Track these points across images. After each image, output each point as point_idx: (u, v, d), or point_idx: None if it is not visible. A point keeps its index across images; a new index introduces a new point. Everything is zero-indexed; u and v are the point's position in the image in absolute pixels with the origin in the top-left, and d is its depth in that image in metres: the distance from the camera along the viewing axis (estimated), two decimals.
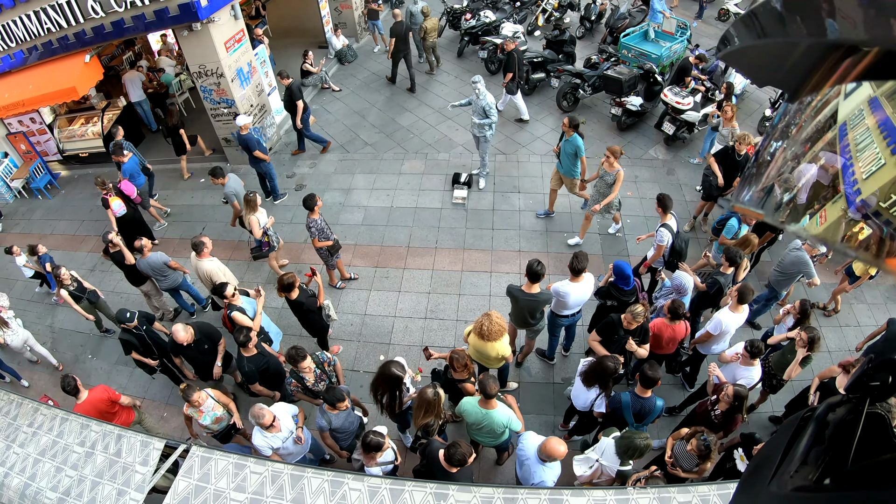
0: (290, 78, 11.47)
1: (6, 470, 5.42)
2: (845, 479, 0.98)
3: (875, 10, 0.64)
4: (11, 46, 11.53)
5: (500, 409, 5.68)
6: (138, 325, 7.31)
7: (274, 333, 8.10)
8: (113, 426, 5.54)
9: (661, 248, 7.70)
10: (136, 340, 7.33)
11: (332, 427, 5.88)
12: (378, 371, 6.07)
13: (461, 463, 4.99)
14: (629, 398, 5.86)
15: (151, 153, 13.89)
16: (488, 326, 5.98)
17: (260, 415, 5.67)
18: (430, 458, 5.37)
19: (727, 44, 1.18)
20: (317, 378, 6.45)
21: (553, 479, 5.28)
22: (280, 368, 7.15)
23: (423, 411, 5.62)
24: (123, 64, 15.76)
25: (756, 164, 1.29)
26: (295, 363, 6.19)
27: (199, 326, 7.17)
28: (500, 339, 6.12)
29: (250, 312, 7.41)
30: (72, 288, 8.50)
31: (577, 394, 6.32)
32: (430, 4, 15.17)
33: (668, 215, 7.68)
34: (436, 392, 5.59)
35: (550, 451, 5.07)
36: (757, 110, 12.70)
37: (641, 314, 6.13)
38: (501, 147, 12.12)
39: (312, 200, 8.15)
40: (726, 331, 6.65)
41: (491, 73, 14.65)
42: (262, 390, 6.97)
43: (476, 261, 9.73)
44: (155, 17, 10.10)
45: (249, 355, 6.63)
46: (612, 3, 16.56)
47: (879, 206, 0.80)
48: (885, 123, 0.81)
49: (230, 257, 10.16)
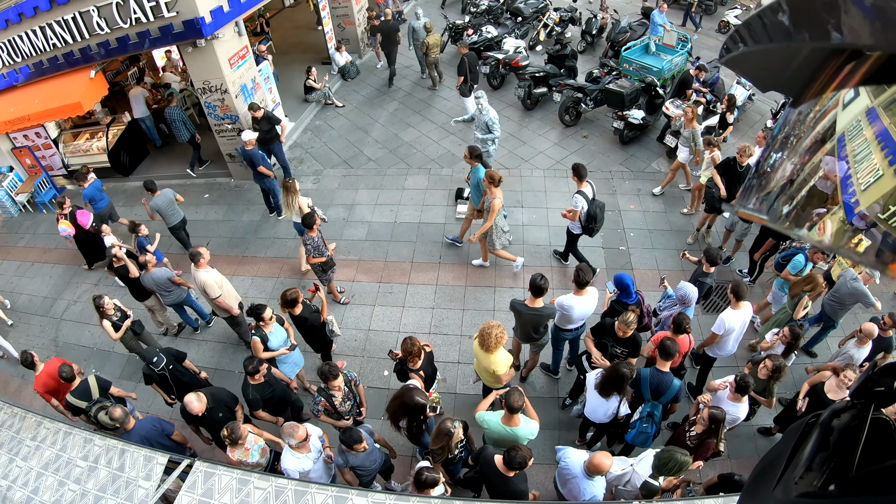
0: (261, 109, 11.27)
1: (9, 483, 5.42)
2: (850, 485, 0.98)
3: (879, 16, 0.66)
4: (17, 62, 11.65)
5: (523, 425, 5.63)
6: (164, 368, 7.07)
7: (292, 364, 7.67)
8: (116, 440, 5.53)
9: (577, 213, 8.36)
10: (158, 378, 7.18)
11: (352, 465, 5.68)
12: (398, 398, 5.86)
13: (521, 466, 5.00)
14: (648, 372, 5.98)
15: (156, 169, 14.02)
16: (487, 333, 5.94)
17: (293, 431, 5.50)
18: (485, 464, 5.35)
19: (730, 49, 1.20)
20: (344, 396, 6.33)
21: (602, 492, 5.29)
22: (287, 395, 7.02)
23: (439, 441, 5.50)
24: (128, 80, 15.89)
25: (757, 175, 1.31)
26: (327, 381, 6.02)
27: (214, 394, 6.65)
28: (495, 352, 6.05)
29: (276, 341, 7.19)
30: (115, 318, 8.01)
31: (595, 408, 6.20)
32: (433, 20, 15.28)
33: (583, 183, 8.32)
34: (453, 426, 5.45)
35: (598, 466, 5.09)
36: (758, 121, 12.74)
37: (634, 322, 6.10)
38: (504, 162, 12.16)
39: (311, 219, 8.21)
40: (731, 329, 6.68)
41: (494, 89, 14.73)
42: (264, 416, 6.80)
43: (480, 276, 9.73)
44: (160, 33, 10.20)
45: (256, 383, 6.51)
46: (613, 17, 16.66)
47: (878, 218, 0.80)
48: (882, 134, 0.82)
49: (234, 272, 10.18)
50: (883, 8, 0.65)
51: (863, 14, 0.68)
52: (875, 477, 0.97)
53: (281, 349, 7.21)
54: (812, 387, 6.37)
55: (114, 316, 7.98)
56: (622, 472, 5.60)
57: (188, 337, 9.49)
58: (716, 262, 7.21)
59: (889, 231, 0.77)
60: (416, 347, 6.21)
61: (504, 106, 13.99)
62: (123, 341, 8.27)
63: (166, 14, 9.87)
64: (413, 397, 5.73)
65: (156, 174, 13.78)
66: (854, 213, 0.86)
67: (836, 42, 0.74)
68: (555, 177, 11.69)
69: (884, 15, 0.65)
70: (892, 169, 0.80)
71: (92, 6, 10.07)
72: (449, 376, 8.22)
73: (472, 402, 7.35)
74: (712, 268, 7.28)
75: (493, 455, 5.29)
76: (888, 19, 0.64)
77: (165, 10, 9.82)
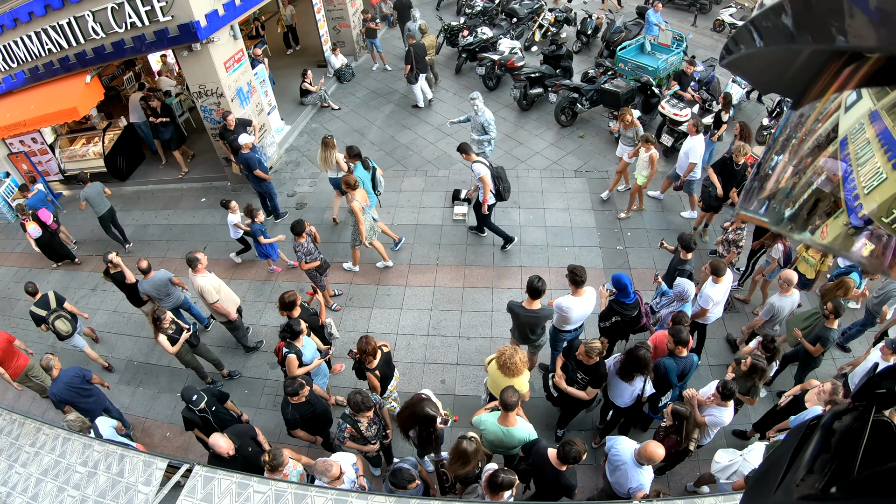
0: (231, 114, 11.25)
1: (8, 490, 5.40)
2: (852, 488, 0.98)
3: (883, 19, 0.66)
4: (13, 67, 11.64)
5: (520, 426, 5.64)
6: (205, 408, 6.53)
7: (322, 375, 7.57)
8: (115, 446, 5.52)
9: (486, 182, 9.11)
10: (200, 421, 6.63)
11: None
12: (409, 407, 5.73)
13: (576, 460, 5.05)
14: (672, 362, 6.16)
15: (152, 174, 14.02)
16: (510, 363, 5.79)
17: (327, 469, 5.21)
18: (538, 456, 5.36)
19: (731, 51, 1.20)
20: (370, 422, 6.04)
21: (649, 482, 5.31)
22: (327, 413, 6.68)
23: (460, 463, 5.29)
24: (124, 84, 15.87)
25: (758, 178, 1.30)
26: (358, 411, 5.75)
27: (237, 432, 6.25)
28: (519, 377, 5.92)
29: (308, 353, 6.96)
30: (170, 331, 7.60)
31: (621, 392, 6.35)
32: (428, 22, 15.28)
33: (471, 155, 9.20)
34: (471, 439, 5.29)
35: (650, 454, 5.15)
36: (755, 120, 12.76)
37: (597, 352, 5.95)
38: (501, 163, 12.10)
39: (301, 226, 8.22)
40: (718, 301, 7.14)
41: (489, 90, 14.74)
42: (302, 436, 6.51)
43: (477, 277, 9.74)
44: (155, 37, 10.20)
45: (296, 402, 6.16)
46: (608, 17, 16.68)
47: (882, 222, 0.80)
48: (884, 135, 0.82)
49: (231, 276, 10.18)
50: (888, 12, 0.65)
51: (867, 17, 0.68)
52: (877, 479, 0.96)
53: (314, 361, 7.03)
54: (794, 396, 6.41)
55: (169, 329, 7.58)
56: (730, 462, 5.71)
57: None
58: (690, 247, 7.43)
59: (893, 234, 0.77)
60: (371, 347, 6.22)
61: (500, 107, 14.00)
62: (179, 356, 7.93)
63: (161, 18, 9.86)
64: (424, 408, 5.58)
65: (152, 179, 13.81)
66: (857, 216, 0.86)
67: (840, 44, 0.75)
68: (551, 177, 11.69)
69: (889, 19, 0.65)
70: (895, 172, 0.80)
71: (87, 11, 10.07)
72: (448, 378, 8.22)
73: (471, 405, 7.37)
74: (689, 254, 7.47)
75: (546, 448, 5.32)
76: (892, 22, 0.65)
77: (161, 14, 9.81)
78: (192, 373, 8.40)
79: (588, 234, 10.37)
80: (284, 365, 6.77)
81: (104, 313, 10.26)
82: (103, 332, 9.81)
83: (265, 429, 7.22)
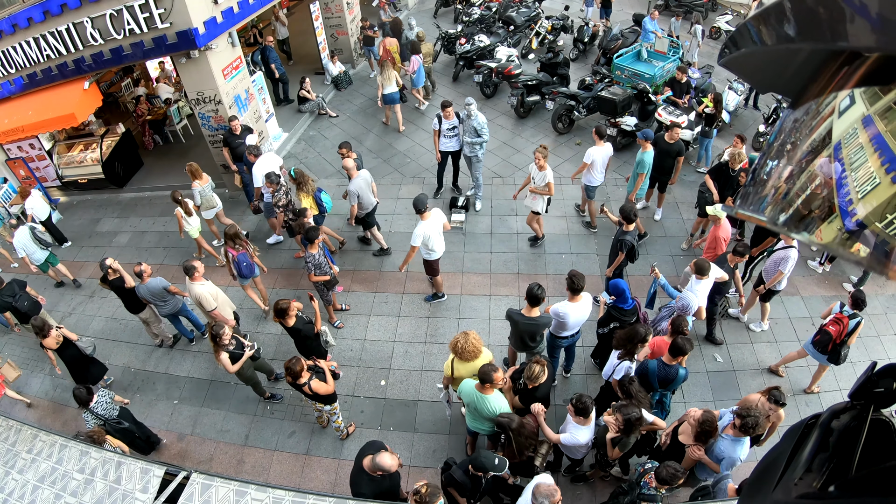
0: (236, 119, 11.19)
1: (5, 496, 5.37)
2: (850, 486, 0.99)
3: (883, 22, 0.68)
4: (11, 73, 11.67)
5: (495, 396, 5.83)
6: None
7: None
8: (113, 453, 5.51)
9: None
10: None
11: None
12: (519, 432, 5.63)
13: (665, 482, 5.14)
14: (655, 365, 6.18)
15: (150, 180, 14.03)
16: (463, 345, 6.07)
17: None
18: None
19: (730, 50, 1.21)
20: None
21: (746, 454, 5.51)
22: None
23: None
24: (122, 91, 15.89)
25: (753, 183, 1.32)
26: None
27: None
28: (481, 355, 6.22)
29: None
30: (231, 348, 7.15)
31: (610, 365, 6.56)
32: (426, 30, 15.32)
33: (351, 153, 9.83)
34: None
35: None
36: (751, 126, 12.82)
37: (539, 377, 5.90)
38: (498, 170, 12.20)
39: (315, 233, 8.10)
40: (702, 301, 7.20)
41: (486, 97, 14.79)
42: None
43: (475, 284, 9.74)
44: (153, 44, 10.21)
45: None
46: (605, 25, 16.75)
47: (875, 227, 0.82)
48: (877, 139, 0.84)
49: (229, 283, 10.14)
50: (887, 17, 0.67)
51: (868, 22, 0.70)
52: (875, 478, 0.97)
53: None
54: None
55: (229, 345, 7.12)
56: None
57: (184, 348, 9.45)
58: (631, 219, 7.69)
59: (887, 239, 0.78)
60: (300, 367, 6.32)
61: (497, 114, 14.05)
62: (240, 373, 7.45)
63: (160, 25, 9.89)
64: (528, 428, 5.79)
65: (150, 185, 13.80)
66: (851, 220, 0.87)
67: (841, 45, 0.76)
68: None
69: (889, 23, 0.67)
70: (889, 177, 0.81)
71: (86, 17, 10.08)
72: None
73: None
74: (630, 226, 7.75)
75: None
76: (892, 24, 0.66)
77: (159, 21, 9.83)
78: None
79: (585, 241, 10.39)
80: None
81: (101, 320, 10.23)
82: (100, 340, 9.74)
83: (262, 435, 7.17)
